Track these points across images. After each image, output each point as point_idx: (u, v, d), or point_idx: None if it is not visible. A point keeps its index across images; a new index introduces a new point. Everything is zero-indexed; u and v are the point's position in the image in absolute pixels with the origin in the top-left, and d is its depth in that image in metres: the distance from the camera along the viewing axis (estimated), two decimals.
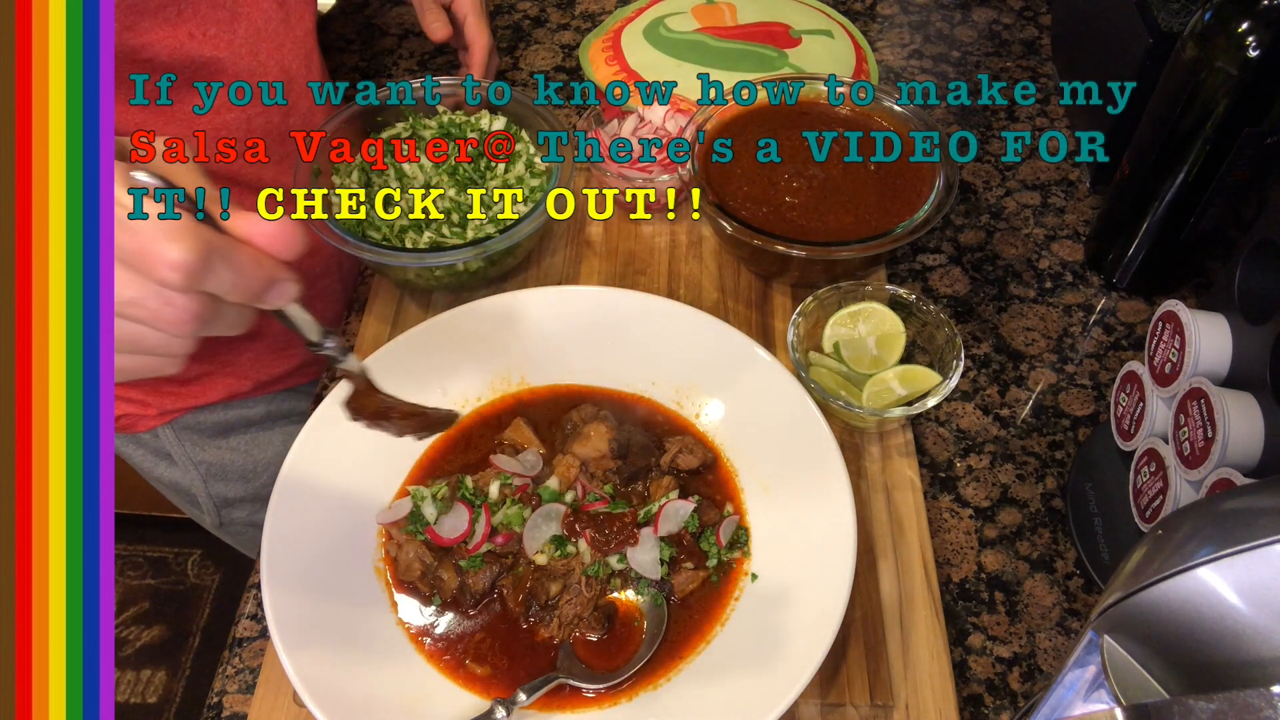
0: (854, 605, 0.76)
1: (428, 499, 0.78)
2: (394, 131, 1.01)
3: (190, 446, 1.06)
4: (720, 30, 1.17)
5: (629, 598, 0.76)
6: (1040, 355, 0.97)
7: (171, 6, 0.80)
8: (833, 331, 0.89)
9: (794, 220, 0.94)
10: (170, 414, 1.03)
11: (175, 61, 0.83)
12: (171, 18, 0.81)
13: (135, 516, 1.95)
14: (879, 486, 0.84)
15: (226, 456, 1.09)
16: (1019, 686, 0.76)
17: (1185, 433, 0.72)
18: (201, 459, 1.08)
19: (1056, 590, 0.81)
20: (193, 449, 1.07)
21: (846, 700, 0.73)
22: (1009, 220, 1.09)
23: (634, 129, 1.06)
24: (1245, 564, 0.40)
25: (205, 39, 0.84)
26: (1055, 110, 1.21)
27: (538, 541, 0.76)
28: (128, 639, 1.95)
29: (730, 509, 0.80)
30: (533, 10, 1.36)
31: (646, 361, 0.88)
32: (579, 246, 1.03)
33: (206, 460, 1.08)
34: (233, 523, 1.17)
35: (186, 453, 1.07)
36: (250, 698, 0.74)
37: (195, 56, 0.84)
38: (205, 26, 0.83)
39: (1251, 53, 0.78)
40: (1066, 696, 0.50)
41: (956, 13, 1.35)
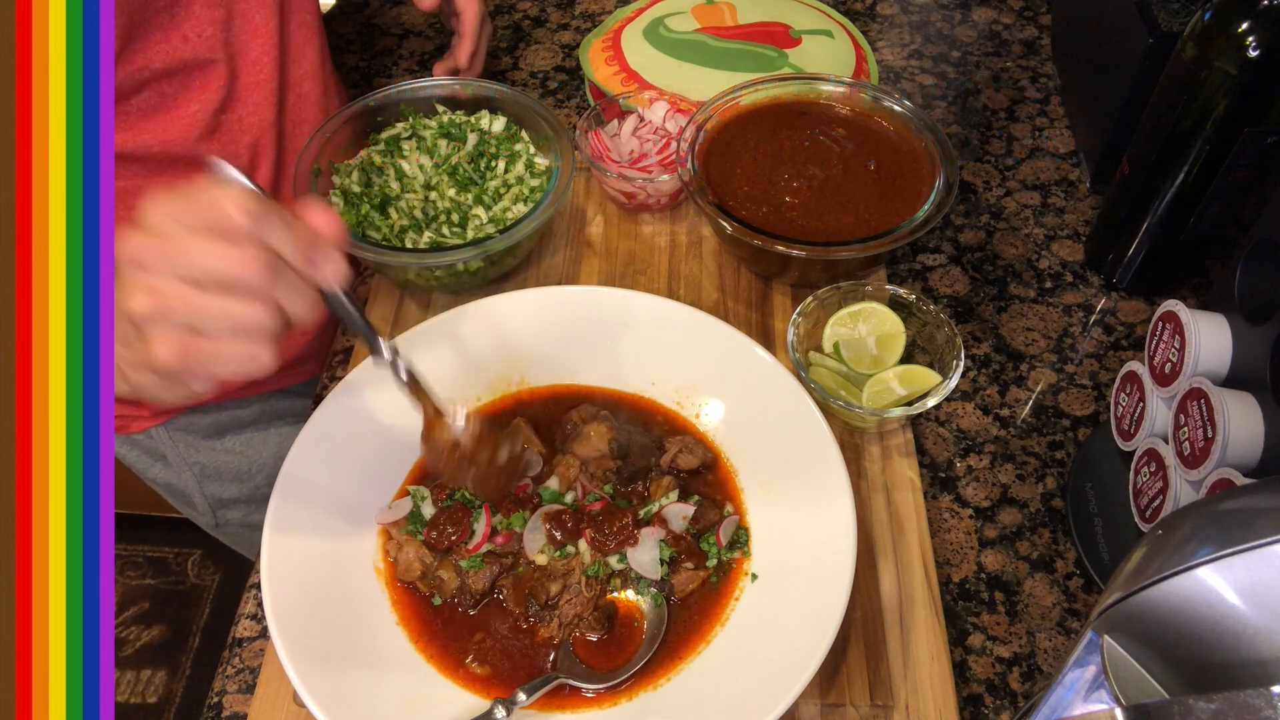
0: (854, 605, 0.76)
1: (428, 499, 0.78)
2: (394, 131, 1.01)
3: (184, 448, 1.06)
4: (720, 30, 1.17)
5: (629, 598, 0.76)
6: (1040, 355, 0.97)
7: (165, 12, 0.80)
8: (833, 331, 0.89)
9: (794, 220, 0.94)
10: (164, 415, 1.03)
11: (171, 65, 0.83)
12: (165, 23, 0.81)
13: (135, 516, 1.95)
14: (879, 486, 0.84)
15: (221, 458, 1.09)
16: (1019, 686, 0.76)
17: (1185, 433, 0.72)
18: (196, 460, 1.07)
19: (1056, 590, 0.81)
20: (187, 450, 1.06)
21: (846, 700, 0.73)
22: (1009, 220, 1.09)
23: (634, 129, 1.06)
24: (1245, 564, 0.40)
25: (200, 41, 0.84)
26: (1055, 110, 1.21)
27: (538, 541, 0.76)
28: (128, 639, 1.95)
29: (730, 509, 0.80)
30: (533, 10, 1.36)
31: (646, 361, 0.88)
32: (579, 246, 1.03)
33: (201, 461, 1.08)
34: (229, 523, 1.17)
35: (181, 454, 1.06)
36: (250, 698, 0.74)
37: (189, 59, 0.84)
38: (200, 28, 0.84)
39: (1251, 53, 0.78)
40: (1066, 696, 0.50)
41: (956, 13, 1.35)
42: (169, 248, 0.51)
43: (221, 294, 0.52)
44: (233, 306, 0.52)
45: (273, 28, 0.90)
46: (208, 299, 0.52)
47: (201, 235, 0.51)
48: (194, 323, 0.52)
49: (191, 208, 0.51)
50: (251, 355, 0.54)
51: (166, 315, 0.52)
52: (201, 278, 0.51)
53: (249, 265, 0.51)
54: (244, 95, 0.91)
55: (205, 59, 0.85)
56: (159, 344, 0.52)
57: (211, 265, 0.51)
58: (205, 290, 0.52)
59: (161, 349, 0.52)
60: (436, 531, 0.76)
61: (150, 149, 0.85)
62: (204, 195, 0.52)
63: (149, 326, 0.52)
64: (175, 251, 0.51)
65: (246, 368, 0.54)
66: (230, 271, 0.51)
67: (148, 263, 0.51)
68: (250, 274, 0.52)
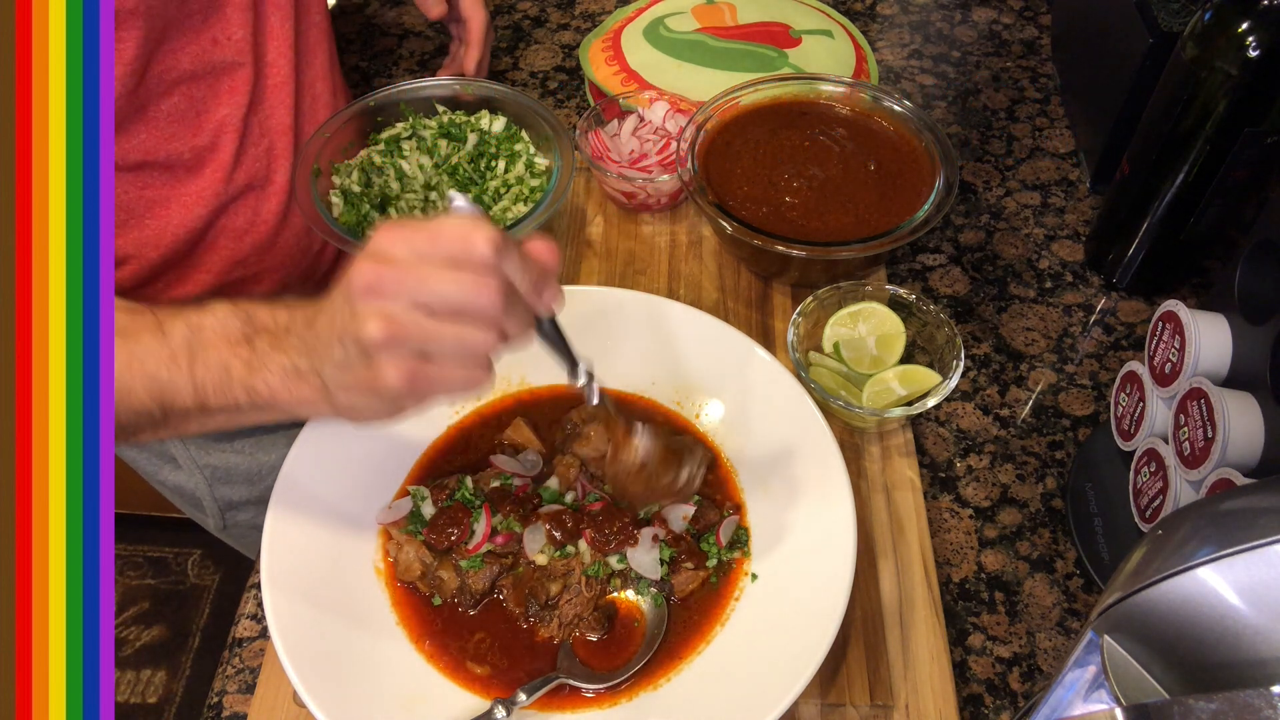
0: (854, 605, 0.76)
1: (428, 499, 0.78)
2: (394, 131, 1.01)
3: (195, 450, 1.06)
4: (720, 30, 1.17)
5: (629, 598, 0.76)
6: (1040, 355, 0.97)
7: (199, 15, 0.80)
8: (833, 331, 0.89)
9: (794, 220, 0.94)
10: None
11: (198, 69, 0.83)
12: (198, 25, 0.81)
13: (135, 516, 1.95)
14: (879, 486, 0.84)
15: (231, 460, 1.08)
16: (1019, 686, 0.76)
17: (1185, 433, 0.72)
18: (206, 462, 1.07)
19: (1056, 590, 0.81)
20: (198, 452, 1.06)
21: (846, 700, 0.73)
22: (1009, 220, 1.09)
23: (634, 129, 1.06)
24: (1245, 564, 0.40)
25: (229, 44, 0.84)
26: (1055, 110, 1.21)
27: (538, 542, 0.76)
28: (128, 639, 1.95)
29: (730, 509, 0.80)
30: (533, 10, 1.36)
31: (646, 361, 0.88)
32: (579, 246, 1.03)
33: (211, 464, 1.08)
34: (237, 525, 1.17)
35: (191, 456, 1.06)
36: (250, 698, 0.74)
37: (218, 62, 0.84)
38: (230, 30, 0.83)
39: (1251, 53, 0.78)
40: (1066, 696, 0.50)
41: (956, 13, 1.35)
42: (407, 275, 0.52)
43: (454, 321, 0.53)
44: (465, 333, 0.54)
45: (288, 29, 0.90)
46: (442, 326, 0.53)
47: (440, 264, 0.53)
48: (427, 349, 0.54)
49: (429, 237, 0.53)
50: (474, 378, 0.56)
51: (401, 341, 0.53)
52: (437, 305, 0.53)
53: (489, 294, 0.53)
54: (266, 98, 0.91)
55: (234, 62, 0.85)
56: (389, 368, 0.54)
57: (452, 293, 0.52)
58: (439, 317, 0.53)
59: (391, 373, 0.54)
60: (436, 532, 0.76)
61: (181, 155, 0.85)
62: (446, 227, 0.53)
63: (381, 352, 0.54)
64: (413, 279, 0.52)
65: (468, 389, 0.56)
66: (471, 299, 0.53)
67: (384, 289, 0.53)
68: (489, 302, 0.53)
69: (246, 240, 0.93)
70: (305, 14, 0.94)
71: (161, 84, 0.81)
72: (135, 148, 0.83)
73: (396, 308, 0.53)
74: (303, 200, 0.90)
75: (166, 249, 0.89)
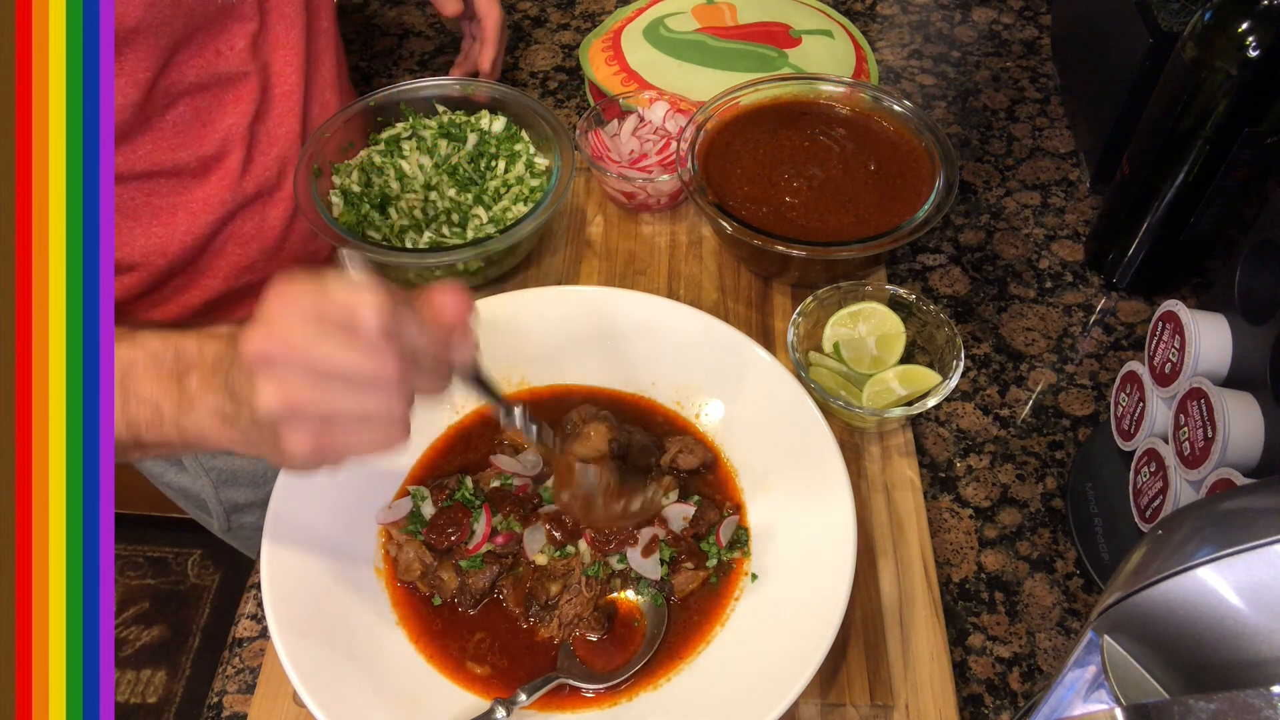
0: (854, 605, 0.76)
1: (428, 499, 0.78)
2: (394, 131, 1.01)
3: (201, 453, 1.06)
4: (720, 30, 1.17)
5: (629, 598, 0.76)
6: (1040, 355, 0.97)
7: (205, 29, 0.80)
8: (833, 331, 0.89)
9: (794, 220, 0.94)
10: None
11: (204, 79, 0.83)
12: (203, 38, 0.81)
13: (135, 516, 1.95)
14: (879, 486, 0.84)
15: (237, 462, 1.08)
16: (1019, 686, 0.76)
17: (1185, 433, 0.72)
18: (212, 465, 1.07)
19: (1056, 590, 0.81)
20: (204, 455, 1.06)
21: (846, 700, 0.73)
22: (1009, 220, 1.09)
23: (634, 129, 1.06)
24: (1245, 564, 0.40)
25: (234, 54, 0.84)
26: (1055, 110, 1.21)
27: (538, 542, 0.76)
28: (128, 639, 1.95)
29: (730, 509, 0.80)
30: (533, 10, 1.36)
31: (646, 361, 0.88)
32: (579, 246, 1.03)
33: (217, 466, 1.08)
34: (241, 527, 1.17)
35: (197, 459, 1.06)
36: (250, 698, 0.74)
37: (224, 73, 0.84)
38: (234, 41, 0.84)
39: (1251, 53, 0.78)
40: (1066, 696, 0.50)
41: (956, 13, 1.35)
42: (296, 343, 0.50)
43: (352, 390, 0.51)
44: (366, 400, 0.51)
45: (295, 38, 0.90)
46: (340, 396, 0.51)
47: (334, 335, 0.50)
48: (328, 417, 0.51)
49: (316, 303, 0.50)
50: (387, 439, 0.53)
51: (298, 412, 0.51)
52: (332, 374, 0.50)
53: (383, 363, 0.50)
54: (273, 108, 0.91)
55: (239, 72, 0.85)
56: (292, 438, 0.51)
57: (345, 363, 0.50)
58: (336, 386, 0.50)
59: (295, 442, 0.52)
60: (436, 532, 0.76)
61: (188, 164, 0.85)
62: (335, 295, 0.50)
63: (281, 424, 0.51)
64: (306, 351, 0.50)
65: (381, 449, 0.54)
66: (364, 369, 0.50)
67: (274, 358, 0.50)
68: (384, 372, 0.50)
69: (254, 245, 0.94)
70: (313, 22, 0.94)
71: (167, 96, 0.81)
72: (141, 157, 0.83)
73: (290, 377, 0.50)
74: (303, 200, 0.90)
75: (174, 256, 0.89)
